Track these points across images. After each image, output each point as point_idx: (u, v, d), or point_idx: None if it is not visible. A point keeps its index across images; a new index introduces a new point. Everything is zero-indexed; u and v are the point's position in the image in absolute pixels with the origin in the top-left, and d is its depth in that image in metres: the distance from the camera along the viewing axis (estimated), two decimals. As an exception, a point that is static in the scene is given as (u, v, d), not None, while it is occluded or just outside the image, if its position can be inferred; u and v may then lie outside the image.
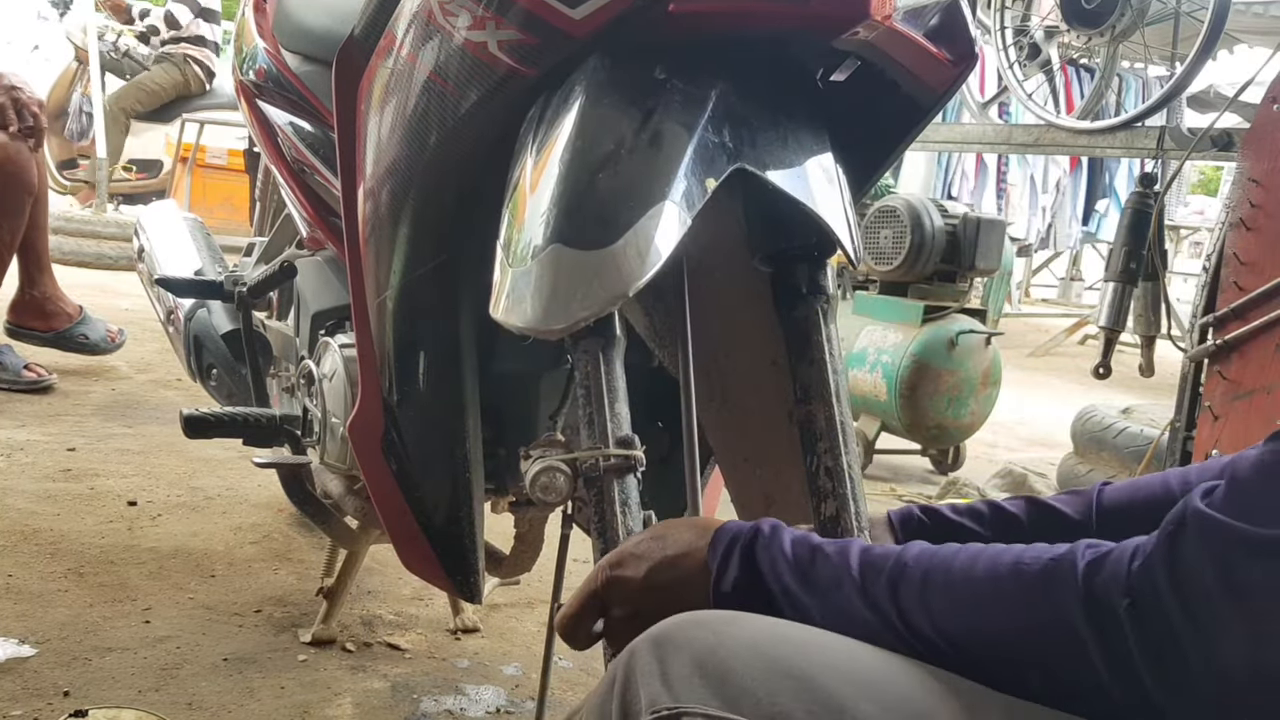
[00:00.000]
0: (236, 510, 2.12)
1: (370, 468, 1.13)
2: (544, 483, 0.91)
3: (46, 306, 2.99)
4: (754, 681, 0.59)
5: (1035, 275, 9.38)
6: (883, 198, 3.26)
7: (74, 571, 1.73)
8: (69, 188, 5.99)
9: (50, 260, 3.03)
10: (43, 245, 2.95)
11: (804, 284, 1.00)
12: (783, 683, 0.59)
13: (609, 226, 0.82)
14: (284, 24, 1.53)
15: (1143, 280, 2.62)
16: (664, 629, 0.64)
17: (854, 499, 0.95)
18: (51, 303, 3.00)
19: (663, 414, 1.30)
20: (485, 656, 1.62)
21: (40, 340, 2.99)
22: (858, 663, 0.61)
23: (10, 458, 2.24)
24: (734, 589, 0.68)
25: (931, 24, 0.97)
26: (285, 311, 1.73)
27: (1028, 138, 3.37)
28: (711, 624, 0.63)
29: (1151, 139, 2.83)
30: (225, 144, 6.07)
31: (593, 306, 0.80)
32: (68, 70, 6.14)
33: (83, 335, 3.05)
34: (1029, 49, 3.55)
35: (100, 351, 3.09)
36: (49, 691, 1.35)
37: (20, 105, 2.66)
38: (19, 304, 2.98)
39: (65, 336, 3.02)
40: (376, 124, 1.06)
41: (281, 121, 1.51)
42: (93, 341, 3.06)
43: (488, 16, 0.90)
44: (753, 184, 0.92)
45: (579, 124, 0.86)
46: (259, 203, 2.15)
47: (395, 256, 1.05)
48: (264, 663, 1.50)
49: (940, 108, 1.03)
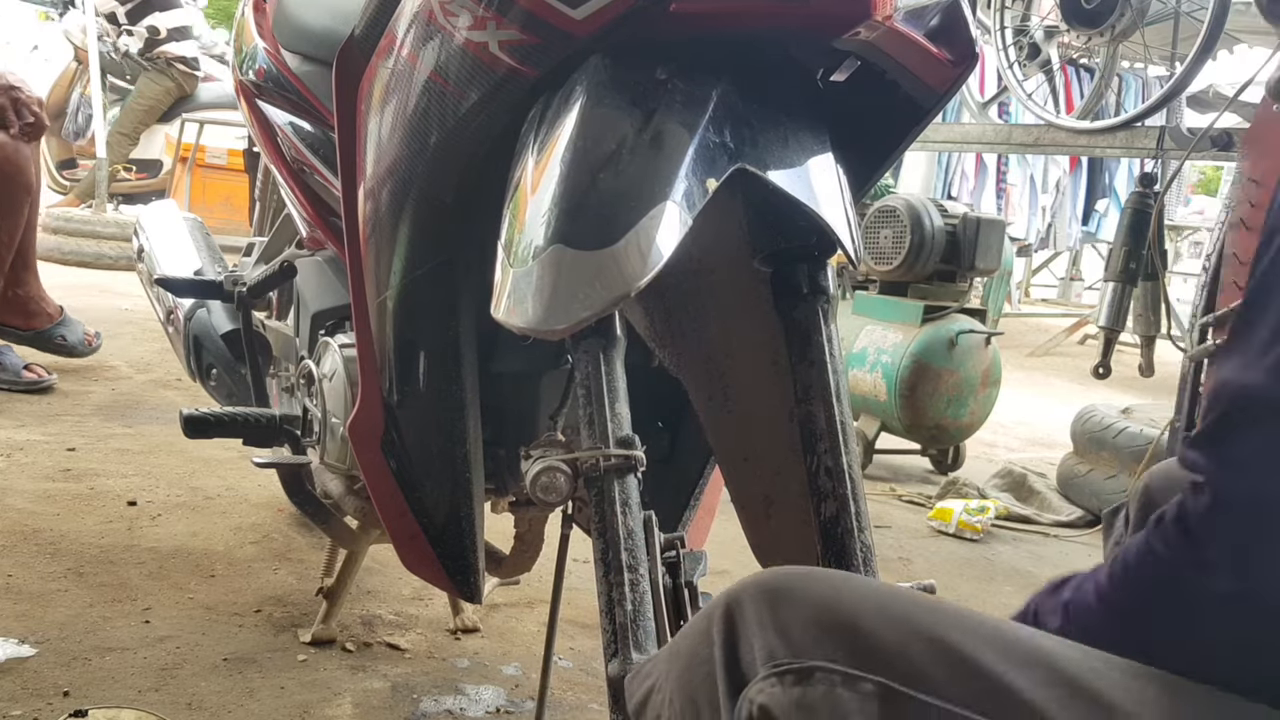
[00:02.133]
0: (236, 510, 2.12)
1: (370, 468, 1.13)
2: (544, 483, 0.91)
3: (29, 306, 2.98)
4: (884, 639, 0.56)
5: (1035, 275, 9.39)
6: (883, 198, 3.26)
7: (74, 571, 1.73)
8: (67, 188, 5.99)
9: (36, 260, 3.02)
10: (31, 245, 2.94)
11: (804, 284, 1.00)
12: (916, 643, 0.56)
13: (610, 227, 0.82)
14: (284, 24, 1.53)
15: (1143, 280, 2.62)
16: (772, 579, 0.61)
17: (854, 499, 0.95)
18: (34, 302, 2.98)
19: (663, 414, 1.30)
20: (485, 656, 1.62)
21: (19, 339, 2.98)
22: (998, 630, 0.58)
23: (10, 458, 2.24)
24: None
25: (932, 24, 0.97)
26: (285, 311, 1.73)
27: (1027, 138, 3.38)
28: (825, 577, 0.61)
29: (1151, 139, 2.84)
30: (225, 144, 6.07)
31: (594, 306, 0.80)
32: (67, 70, 6.14)
33: (61, 337, 3.03)
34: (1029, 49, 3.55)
35: (76, 354, 3.07)
36: (49, 691, 1.35)
37: (19, 105, 2.66)
38: (1, 301, 2.96)
39: (44, 337, 3.01)
40: (377, 124, 1.06)
41: (281, 121, 1.51)
42: (70, 343, 3.05)
43: (488, 16, 0.90)
44: (753, 184, 0.92)
45: (580, 124, 0.86)
46: (259, 203, 2.15)
47: (395, 256, 1.05)
48: (264, 663, 1.50)
49: (940, 108, 1.03)
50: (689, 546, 0.94)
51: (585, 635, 1.74)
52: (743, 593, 0.61)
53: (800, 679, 0.57)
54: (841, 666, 0.56)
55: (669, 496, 1.31)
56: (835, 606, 0.58)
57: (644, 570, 0.84)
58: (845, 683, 0.56)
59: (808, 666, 0.56)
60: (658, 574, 0.88)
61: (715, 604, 0.63)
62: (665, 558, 0.91)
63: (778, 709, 0.57)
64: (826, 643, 0.57)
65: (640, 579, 0.83)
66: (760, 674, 0.58)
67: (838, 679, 0.56)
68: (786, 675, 0.57)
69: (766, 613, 0.59)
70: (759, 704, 0.58)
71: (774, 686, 0.57)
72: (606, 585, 0.83)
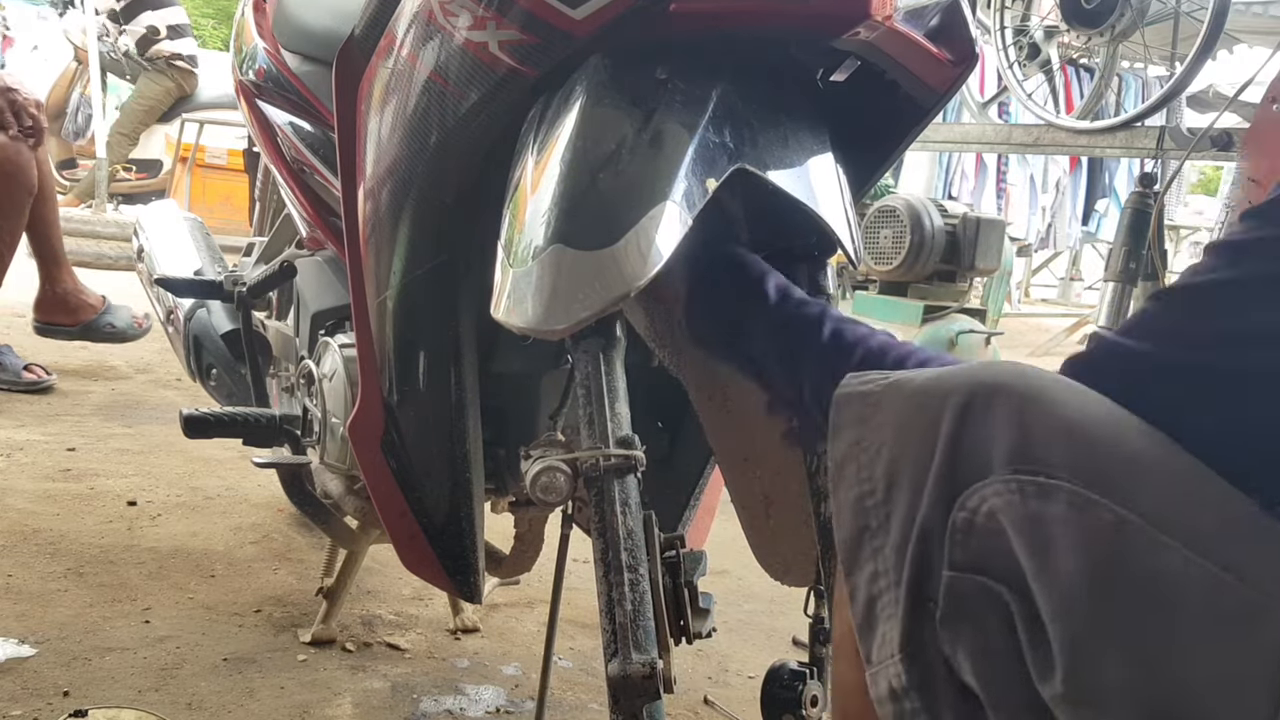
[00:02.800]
0: (236, 510, 2.12)
1: (370, 468, 1.13)
2: (544, 483, 0.91)
3: (70, 301, 3.00)
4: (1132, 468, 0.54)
5: (1035, 275, 9.38)
6: (883, 198, 3.26)
7: (73, 571, 1.72)
8: (66, 188, 5.99)
9: (66, 255, 3.04)
10: (58, 242, 2.96)
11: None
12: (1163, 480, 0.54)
13: (610, 226, 0.82)
14: (284, 24, 1.53)
15: (1143, 280, 2.62)
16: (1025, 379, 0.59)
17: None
18: (74, 296, 3.01)
19: (663, 414, 1.30)
20: (485, 656, 1.62)
21: (68, 335, 3.00)
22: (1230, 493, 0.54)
23: (10, 457, 2.24)
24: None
25: (932, 24, 0.97)
26: (285, 311, 1.73)
27: (1027, 138, 3.38)
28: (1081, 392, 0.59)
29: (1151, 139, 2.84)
30: (225, 144, 6.07)
31: (594, 306, 0.80)
32: (67, 70, 6.14)
33: (109, 324, 3.05)
34: (1029, 49, 3.55)
35: (129, 338, 3.09)
36: (49, 691, 1.35)
37: (18, 107, 2.66)
38: (43, 302, 2.98)
39: (93, 327, 3.03)
40: (376, 124, 1.06)
41: (281, 121, 1.51)
42: (120, 329, 3.07)
43: (488, 16, 0.90)
44: (753, 184, 0.92)
45: (580, 124, 0.86)
46: (258, 203, 2.15)
47: (395, 256, 1.05)
48: (264, 663, 1.50)
49: (940, 108, 1.03)
50: (689, 546, 0.94)
51: (585, 635, 1.74)
52: (994, 382, 0.59)
53: (1041, 494, 0.55)
54: (1084, 489, 0.54)
55: (669, 496, 1.31)
56: (1087, 423, 0.56)
57: (644, 570, 0.84)
58: (1087, 506, 0.53)
59: (1052, 484, 0.54)
60: (658, 574, 0.88)
61: (958, 383, 0.60)
62: (665, 557, 0.92)
63: (1009, 518, 0.55)
64: (1073, 460, 0.54)
65: (640, 579, 0.83)
66: (997, 474, 0.56)
67: (1080, 502, 0.54)
68: (1028, 486, 0.55)
69: (1016, 410, 0.57)
70: (990, 506, 0.56)
71: (1012, 493, 0.55)
72: (606, 585, 0.83)
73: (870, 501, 0.63)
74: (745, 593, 1.99)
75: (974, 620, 0.57)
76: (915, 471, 0.60)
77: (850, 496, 0.65)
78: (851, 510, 0.64)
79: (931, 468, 0.59)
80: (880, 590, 0.62)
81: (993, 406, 0.58)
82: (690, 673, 1.63)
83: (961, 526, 0.58)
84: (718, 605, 0.96)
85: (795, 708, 0.95)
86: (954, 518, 0.58)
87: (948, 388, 0.60)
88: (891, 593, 0.61)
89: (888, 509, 0.62)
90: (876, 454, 0.64)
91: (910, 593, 0.60)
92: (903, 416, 0.63)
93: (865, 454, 0.64)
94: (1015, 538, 0.55)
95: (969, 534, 0.57)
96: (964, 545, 0.58)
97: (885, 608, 0.62)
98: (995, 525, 0.56)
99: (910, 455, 0.61)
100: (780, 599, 1.92)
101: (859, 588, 0.63)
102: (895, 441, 0.63)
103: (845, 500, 0.65)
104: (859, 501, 0.64)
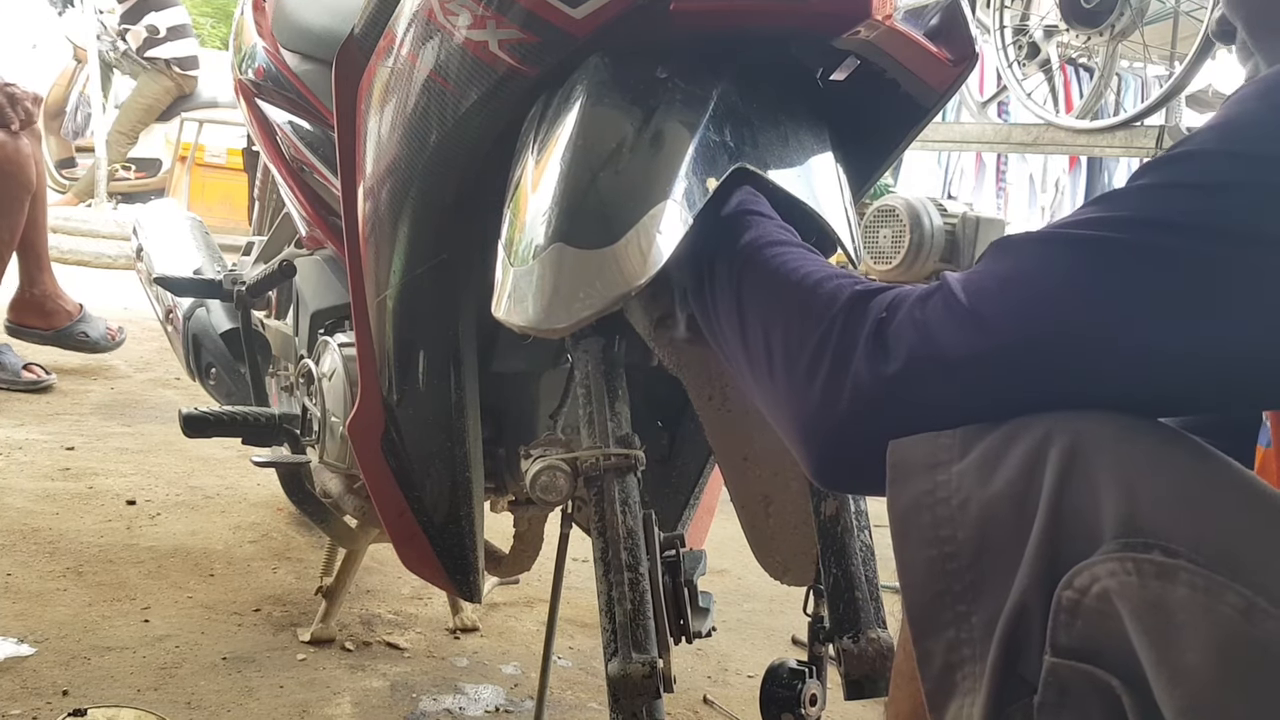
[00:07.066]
0: (235, 509, 2.12)
1: (370, 467, 1.13)
2: (544, 482, 0.91)
3: (46, 305, 2.99)
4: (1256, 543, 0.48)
5: (1034, 274, 9.37)
6: (882, 197, 3.26)
7: (73, 570, 1.72)
8: (66, 187, 5.99)
9: (50, 258, 3.03)
10: (42, 244, 2.95)
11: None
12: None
13: (610, 226, 0.82)
14: (283, 23, 1.53)
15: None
16: (1134, 431, 0.53)
17: (854, 498, 0.95)
18: (51, 301, 3.00)
19: (663, 414, 1.30)
20: (484, 655, 1.62)
21: (40, 339, 2.99)
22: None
23: (9, 457, 2.24)
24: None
25: (931, 23, 0.97)
26: (284, 311, 1.73)
27: (1027, 137, 3.38)
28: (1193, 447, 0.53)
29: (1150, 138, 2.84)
30: (225, 143, 6.07)
31: (595, 305, 0.80)
32: (66, 69, 6.14)
33: (83, 333, 3.04)
34: (1028, 48, 3.56)
35: (100, 349, 3.09)
36: (48, 690, 1.35)
37: (15, 101, 2.66)
38: (19, 302, 2.98)
39: (65, 334, 3.02)
40: (376, 123, 1.06)
41: (281, 121, 1.50)
42: (93, 340, 3.06)
43: (488, 15, 0.90)
44: (753, 183, 0.92)
45: (580, 123, 0.86)
46: (258, 202, 2.15)
47: (395, 256, 1.05)
48: (263, 662, 1.50)
49: (940, 107, 1.03)
50: (688, 546, 0.94)
51: (585, 634, 1.74)
52: (1099, 431, 0.53)
53: (1161, 574, 0.49)
54: (1205, 569, 0.48)
55: (669, 496, 1.31)
56: (1200, 484, 0.51)
57: (644, 569, 0.84)
58: (1213, 589, 0.48)
59: (1172, 563, 0.49)
60: (657, 573, 0.88)
61: (1051, 432, 0.54)
62: (665, 557, 0.92)
63: (1125, 601, 0.50)
64: (1193, 534, 0.49)
65: (640, 578, 0.83)
66: (1106, 547, 0.51)
67: (1203, 583, 0.48)
68: (1145, 565, 0.50)
69: (1122, 469, 0.51)
70: (1102, 587, 0.51)
71: (1128, 573, 0.50)
72: (606, 584, 0.84)
73: (953, 565, 0.58)
74: (745, 592, 1.99)
75: (1078, 712, 0.53)
76: (1010, 536, 0.55)
77: (925, 556, 0.59)
78: (927, 570, 0.59)
79: (1031, 534, 0.54)
80: (962, 659, 0.58)
81: (1094, 463, 0.53)
82: (690, 672, 1.63)
83: (1068, 607, 0.53)
84: (717, 604, 0.96)
85: (794, 706, 0.95)
86: (1059, 596, 0.53)
87: (1039, 435, 0.55)
88: (976, 665, 0.57)
89: (975, 575, 0.57)
90: (960, 509, 0.58)
91: (999, 670, 0.55)
92: (988, 468, 0.57)
93: (942, 507, 0.59)
94: (1132, 624, 0.50)
95: (1075, 614, 0.53)
96: (1069, 628, 0.53)
97: (966, 679, 0.57)
98: (1108, 608, 0.51)
99: (1003, 517, 0.56)
100: (779, 598, 1.92)
101: (935, 653, 0.58)
102: (982, 498, 0.57)
103: (918, 558, 0.59)
104: (939, 563, 0.58)
